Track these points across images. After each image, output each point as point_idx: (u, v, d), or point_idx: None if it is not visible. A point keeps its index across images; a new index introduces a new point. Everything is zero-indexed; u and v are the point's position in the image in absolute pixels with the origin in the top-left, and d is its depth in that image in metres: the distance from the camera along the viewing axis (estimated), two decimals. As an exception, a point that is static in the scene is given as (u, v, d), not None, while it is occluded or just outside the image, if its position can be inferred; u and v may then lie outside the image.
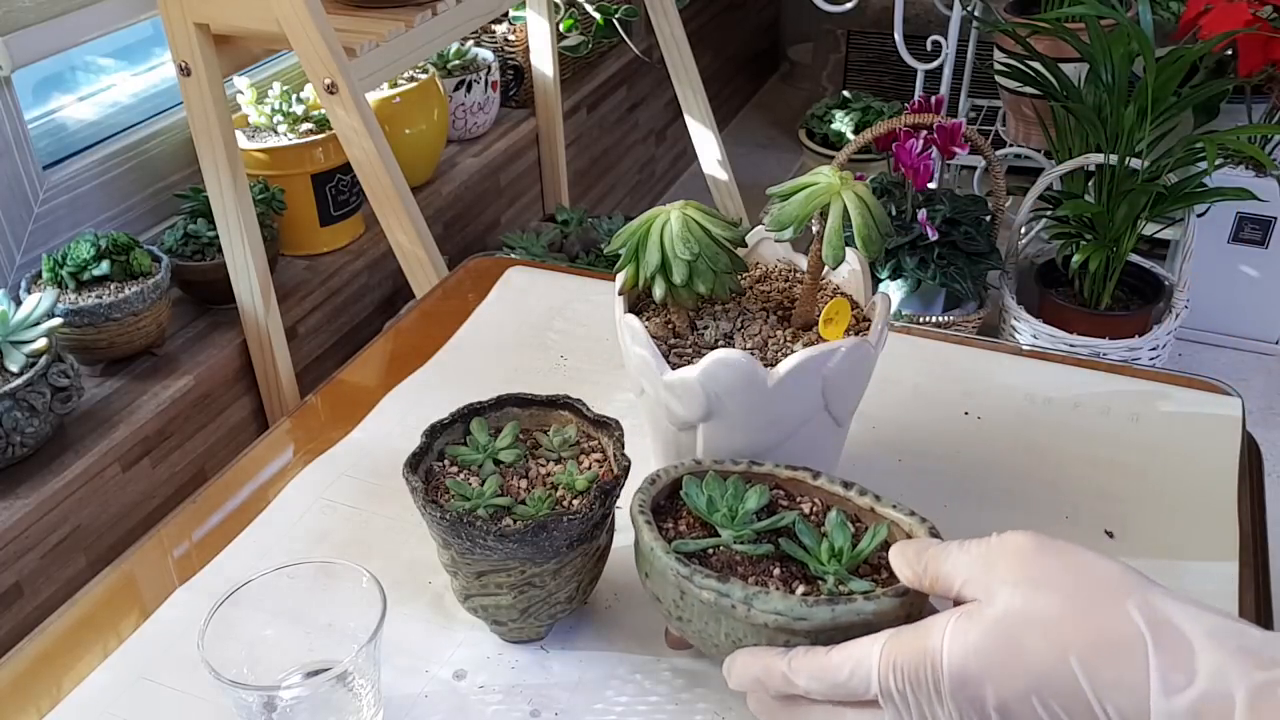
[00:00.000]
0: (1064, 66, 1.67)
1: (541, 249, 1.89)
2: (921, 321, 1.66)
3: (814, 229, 0.60)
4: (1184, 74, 1.52)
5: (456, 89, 1.94)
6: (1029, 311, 1.70)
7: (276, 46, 1.43)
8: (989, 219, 1.66)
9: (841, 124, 2.46)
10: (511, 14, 2.09)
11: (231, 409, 1.50)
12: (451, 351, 0.87)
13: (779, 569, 0.52)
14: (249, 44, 1.35)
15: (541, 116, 2.13)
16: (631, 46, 2.35)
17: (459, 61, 1.97)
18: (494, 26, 2.09)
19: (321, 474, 0.74)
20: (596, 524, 0.56)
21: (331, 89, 1.25)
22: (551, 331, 0.89)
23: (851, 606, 0.47)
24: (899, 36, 1.99)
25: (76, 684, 0.59)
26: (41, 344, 1.17)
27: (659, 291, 0.60)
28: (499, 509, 0.55)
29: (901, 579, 0.48)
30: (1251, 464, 0.72)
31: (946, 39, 1.98)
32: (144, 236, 1.54)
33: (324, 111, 1.45)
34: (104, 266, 1.32)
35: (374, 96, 1.72)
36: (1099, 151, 1.59)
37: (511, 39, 2.08)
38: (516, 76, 2.12)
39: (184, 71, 1.31)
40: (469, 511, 0.54)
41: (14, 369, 1.16)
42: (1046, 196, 1.69)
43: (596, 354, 0.85)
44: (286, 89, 1.63)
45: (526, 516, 0.54)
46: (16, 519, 1.16)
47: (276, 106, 1.60)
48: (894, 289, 1.63)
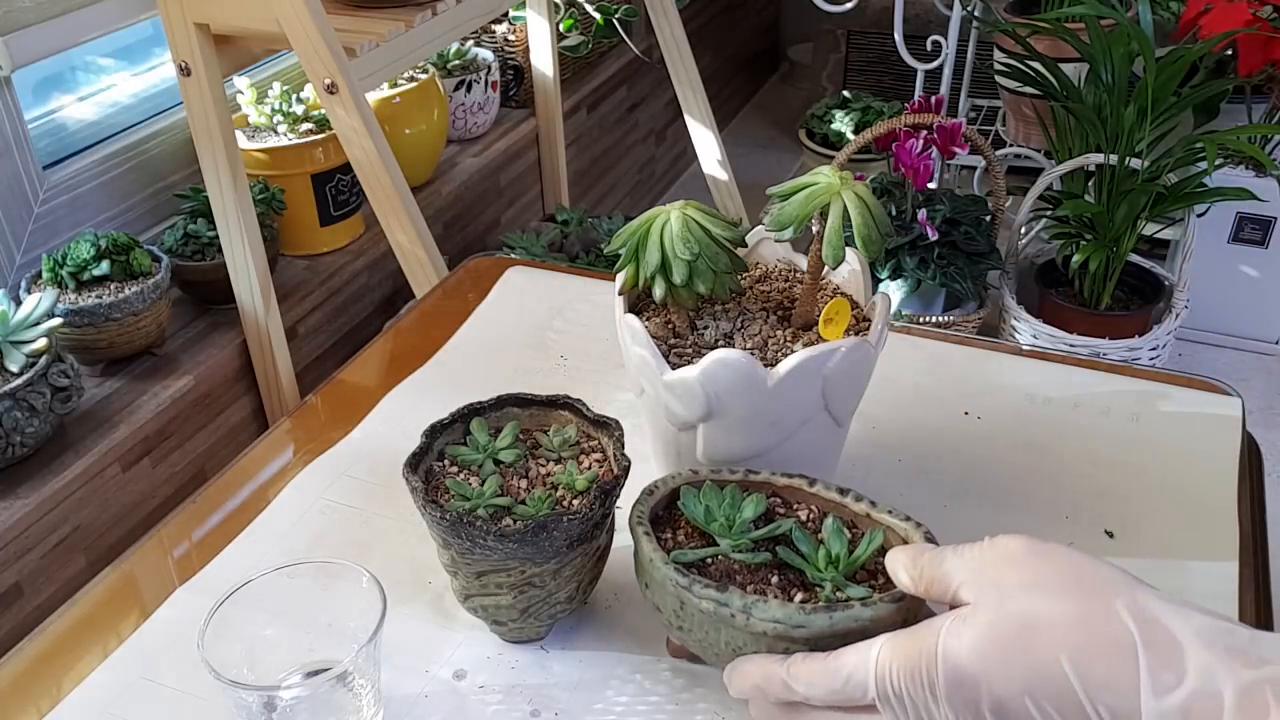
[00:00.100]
0: (1064, 66, 1.67)
1: (541, 249, 1.89)
2: (921, 321, 1.66)
3: (814, 229, 0.60)
4: (1184, 74, 1.52)
5: (456, 89, 1.94)
6: (1029, 311, 1.70)
7: (276, 46, 1.43)
8: (989, 219, 1.66)
9: (841, 124, 2.46)
10: (511, 14, 2.09)
11: (231, 409, 1.50)
12: (451, 351, 0.87)
13: (777, 576, 0.52)
14: (249, 44, 1.35)
15: (541, 116, 2.13)
16: (631, 46, 2.35)
17: (459, 61, 1.97)
18: (494, 26, 2.09)
19: (321, 474, 0.74)
20: (596, 524, 0.56)
21: (331, 89, 1.25)
22: (551, 331, 0.88)
23: (849, 613, 0.47)
24: (899, 36, 1.99)
25: (76, 684, 0.59)
26: (41, 344, 1.17)
27: (659, 291, 0.60)
28: (499, 509, 0.55)
29: (898, 585, 0.48)
30: (1251, 464, 0.72)
31: (946, 39, 1.98)
32: (144, 236, 1.54)
33: (324, 111, 1.45)
34: (104, 266, 1.32)
35: (374, 96, 1.72)
36: (1099, 151, 1.59)
37: (511, 39, 2.08)
38: (516, 76, 2.11)
39: (184, 71, 1.31)
40: (469, 511, 0.54)
41: (14, 369, 1.16)
42: (1046, 196, 1.69)
43: (596, 354, 0.85)
44: (286, 89, 1.63)
45: (526, 516, 0.54)
46: (16, 519, 1.16)
47: (276, 106, 1.60)
48: (894, 289, 1.63)
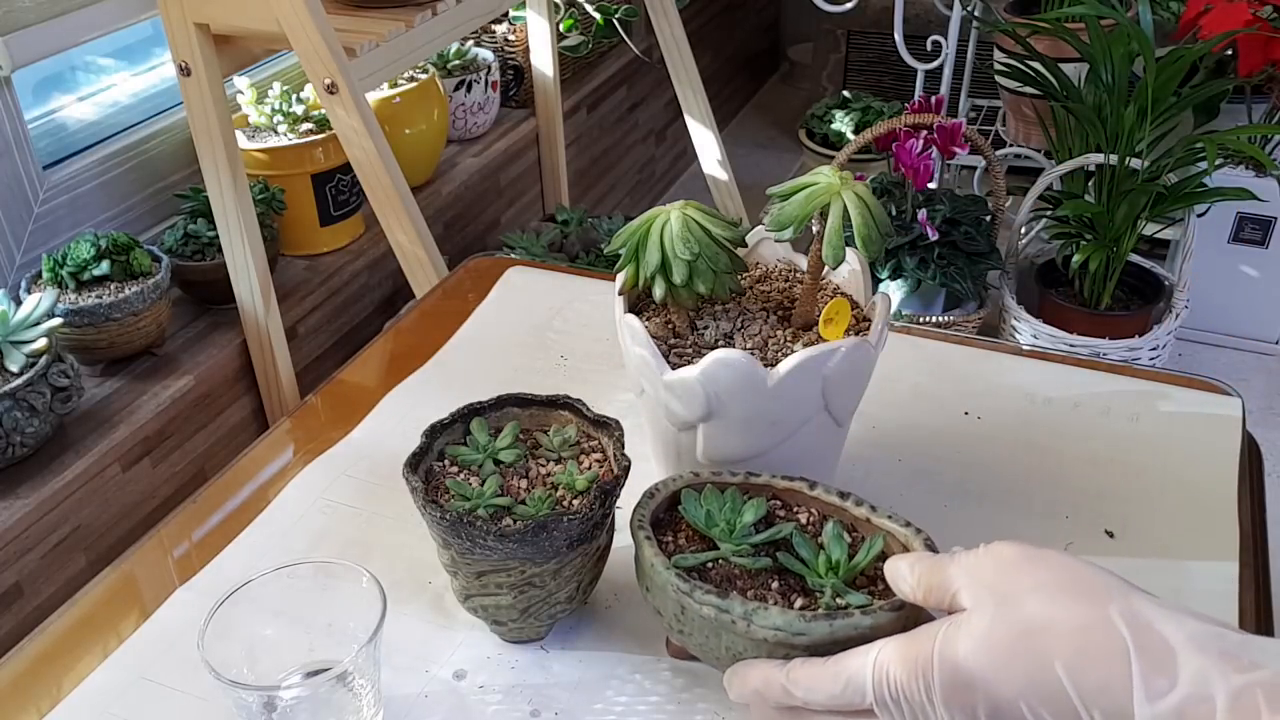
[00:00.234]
0: (1064, 66, 1.67)
1: (541, 249, 1.89)
2: (921, 321, 1.66)
3: (814, 229, 0.60)
4: (1184, 74, 1.52)
5: (456, 89, 1.94)
6: (1029, 311, 1.70)
7: (276, 46, 1.43)
8: (989, 219, 1.66)
9: (841, 124, 2.46)
10: (511, 14, 2.09)
11: (231, 409, 1.50)
12: (451, 351, 0.87)
13: (778, 581, 0.52)
14: (249, 44, 1.35)
15: (541, 116, 2.13)
16: (631, 46, 2.35)
17: (459, 61, 1.97)
18: (494, 26, 2.09)
19: (321, 474, 0.74)
20: (596, 524, 0.56)
21: (331, 89, 1.25)
22: (551, 331, 0.88)
23: (849, 621, 0.47)
24: (899, 36, 1.99)
25: (76, 684, 0.59)
26: (41, 344, 1.17)
27: (659, 291, 0.60)
28: (499, 509, 0.55)
29: (898, 594, 0.48)
30: (1251, 464, 0.72)
31: (946, 39, 1.98)
32: (144, 236, 1.54)
33: (324, 111, 1.45)
34: (104, 266, 1.32)
35: (374, 96, 1.72)
36: (1099, 151, 1.59)
37: (511, 39, 2.08)
38: (516, 76, 2.11)
39: (184, 71, 1.31)
40: (469, 511, 0.54)
41: (14, 369, 1.16)
42: (1046, 196, 1.69)
43: (596, 354, 0.85)
44: (286, 89, 1.63)
45: (526, 516, 0.54)
46: (16, 519, 1.16)
47: (276, 106, 1.60)
48: (894, 289, 1.63)
